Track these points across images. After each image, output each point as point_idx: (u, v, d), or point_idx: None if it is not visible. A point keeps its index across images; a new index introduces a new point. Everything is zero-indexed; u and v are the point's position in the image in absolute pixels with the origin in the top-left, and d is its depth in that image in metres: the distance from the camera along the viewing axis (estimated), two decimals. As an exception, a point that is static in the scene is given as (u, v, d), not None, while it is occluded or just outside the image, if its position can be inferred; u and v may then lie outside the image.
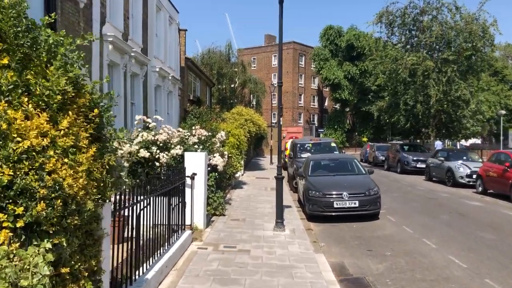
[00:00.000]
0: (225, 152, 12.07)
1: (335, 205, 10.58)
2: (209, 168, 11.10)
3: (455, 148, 31.66)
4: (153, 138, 11.18)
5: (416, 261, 7.35)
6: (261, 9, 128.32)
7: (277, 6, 9.11)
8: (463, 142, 45.54)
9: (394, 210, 12.37)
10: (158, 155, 10.95)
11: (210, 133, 12.38)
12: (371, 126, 62.60)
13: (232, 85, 44.41)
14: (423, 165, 23.99)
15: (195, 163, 9.03)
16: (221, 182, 12.66)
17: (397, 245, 8.52)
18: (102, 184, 3.19)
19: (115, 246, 4.48)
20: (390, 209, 12.18)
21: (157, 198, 6.29)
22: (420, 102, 25.62)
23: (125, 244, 4.97)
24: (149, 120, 11.90)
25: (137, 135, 11.30)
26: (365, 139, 61.89)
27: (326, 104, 69.15)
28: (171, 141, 11.30)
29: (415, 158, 24.89)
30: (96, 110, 3.11)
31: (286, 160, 27.56)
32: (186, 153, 9.20)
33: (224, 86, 43.26)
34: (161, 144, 11.17)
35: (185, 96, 24.85)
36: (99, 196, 3.17)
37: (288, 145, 28.47)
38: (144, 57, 16.27)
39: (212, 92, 38.99)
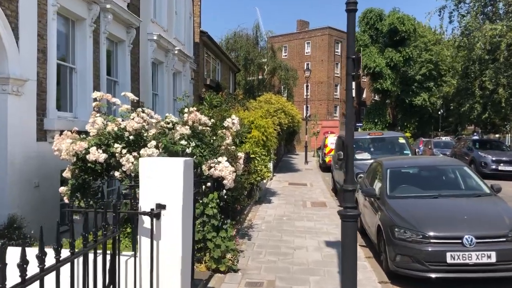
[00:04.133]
0: (240, 154, 7.07)
1: (449, 259, 5.39)
2: (208, 184, 6.17)
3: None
4: (115, 128, 6.37)
5: None
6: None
7: None
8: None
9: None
10: (123, 158, 6.18)
11: (216, 121, 7.46)
12: (414, 120, 56.50)
13: (260, 76, 39.32)
14: (508, 168, 18.52)
15: (165, 181, 4.07)
16: (234, 203, 7.68)
17: None
18: None
19: None
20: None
21: None
22: (503, 86, 19.73)
23: None
24: (115, 100, 7.01)
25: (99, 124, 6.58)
26: (408, 134, 55.74)
27: (364, 95, 63.00)
28: (148, 134, 6.45)
29: (494, 159, 19.17)
30: None
31: (327, 160, 22.40)
32: (142, 161, 4.19)
33: (252, 78, 38.25)
34: (131, 138, 6.35)
35: (200, 80, 20.01)
36: None
37: (328, 141, 23.25)
38: (131, 16, 11.43)
39: (237, 80, 34.08)
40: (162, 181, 4.05)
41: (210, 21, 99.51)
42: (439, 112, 43.25)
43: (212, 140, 6.95)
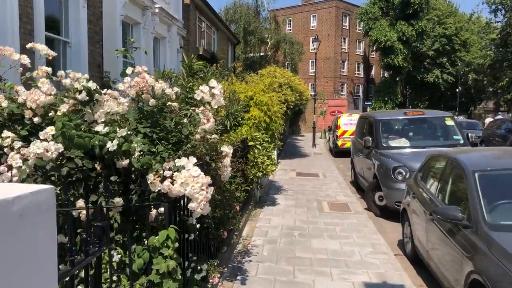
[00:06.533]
0: (225, 149, 4.14)
1: None
2: (161, 210, 3.27)
3: None
4: (5, 104, 3.43)
5: None
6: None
7: None
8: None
9: None
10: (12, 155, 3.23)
11: (186, 94, 4.56)
12: (425, 98, 53.49)
13: (262, 53, 36.03)
14: (556, 154, 15.53)
15: None
16: (217, 229, 4.79)
17: None
18: None
19: None
20: None
21: None
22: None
23: None
24: (19, 56, 4.05)
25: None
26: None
27: (372, 72, 59.51)
28: (57, 114, 3.49)
29: (540, 143, 16.22)
30: None
31: (339, 143, 19.47)
32: None
33: (253, 54, 35.04)
34: (36, 120, 3.40)
35: (191, 49, 16.96)
36: None
37: (341, 122, 20.20)
38: (86, -47, 8.37)
39: (236, 54, 30.88)
40: None
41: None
42: (457, 90, 40.00)
43: (181, 126, 4.01)
